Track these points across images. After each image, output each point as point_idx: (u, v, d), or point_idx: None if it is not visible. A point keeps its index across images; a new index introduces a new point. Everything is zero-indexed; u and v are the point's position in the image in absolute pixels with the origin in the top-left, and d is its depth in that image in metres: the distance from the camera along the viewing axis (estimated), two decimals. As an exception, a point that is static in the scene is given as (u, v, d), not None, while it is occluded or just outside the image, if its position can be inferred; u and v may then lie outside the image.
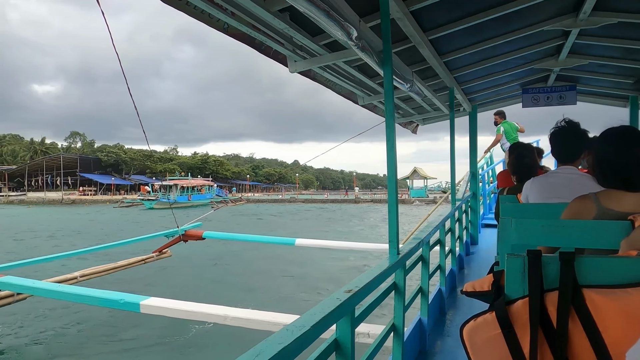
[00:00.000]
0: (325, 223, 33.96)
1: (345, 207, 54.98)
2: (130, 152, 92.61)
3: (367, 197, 70.97)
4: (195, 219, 10.39)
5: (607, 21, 3.78)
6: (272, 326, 4.42)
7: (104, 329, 8.91)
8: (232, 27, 2.81)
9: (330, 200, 69.48)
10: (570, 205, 1.67)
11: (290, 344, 1.24)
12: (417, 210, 43.54)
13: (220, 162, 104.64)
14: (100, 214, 41.43)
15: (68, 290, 5.38)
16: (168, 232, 9.53)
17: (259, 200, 69.62)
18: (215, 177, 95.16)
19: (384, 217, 38.16)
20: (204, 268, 15.30)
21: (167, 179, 66.50)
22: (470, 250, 6.90)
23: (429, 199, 60.46)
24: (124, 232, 24.56)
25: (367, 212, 44.02)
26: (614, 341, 0.99)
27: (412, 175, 69.46)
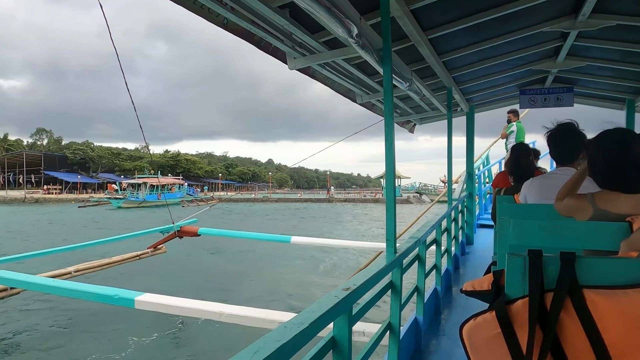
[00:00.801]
0: (297, 223, 32.73)
1: (319, 207, 53.95)
2: (98, 149, 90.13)
3: (341, 197, 70.07)
4: (188, 216, 10.36)
5: (606, 23, 3.79)
6: (268, 323, 4.42)
7: (98, 325, 8.88)
8: (231, 23, 2.80)
9: (304, 199, 68.54)
10: (567, 202, 1.67)
11: (289, 342, 1.23)
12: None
13: (193, 160, 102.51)
14: (61, 214, 38.10)
15: (62, 285, 5.35)
16: (163, 228, 9.50)
17: (231, 199, 67.93)
18: (187, 175, 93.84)
19: (358, 216, 38.22)
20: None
21: (136, 177, 63.92)
22: (465, 250, 6.92)
23: (403, 199, 60.34)
24: (79, 235, 20.96)
25: (341, 213, 43.22)
26: (613, 342, 0.99)
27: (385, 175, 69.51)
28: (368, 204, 59.89)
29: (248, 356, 1.11)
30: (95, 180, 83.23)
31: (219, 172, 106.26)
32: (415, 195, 65.34)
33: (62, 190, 75.65)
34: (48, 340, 8.15)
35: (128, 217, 35.73)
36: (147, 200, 55.08)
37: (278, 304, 10.22)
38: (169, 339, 8.18)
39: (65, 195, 68.99)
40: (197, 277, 13.28)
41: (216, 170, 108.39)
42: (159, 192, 58.49)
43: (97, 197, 62.62)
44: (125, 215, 38.79)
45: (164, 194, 59.07)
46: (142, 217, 35.17)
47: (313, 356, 1.56)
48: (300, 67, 3.65)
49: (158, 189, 59.29)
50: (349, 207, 53.78)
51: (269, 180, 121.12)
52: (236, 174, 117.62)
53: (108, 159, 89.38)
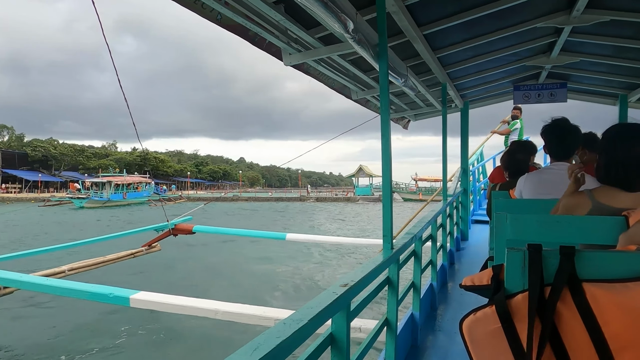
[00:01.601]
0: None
1: (287, 206, 52.80)
2: (60, 147, 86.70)
3: (313, 195, 68.66)
4: (179, 214, 10.32)
5: (600, 19, 3.80)
6: (264, 320, 4.42)
7: (92, 323, 8.84)
8: (225, 18, 2.77)
9: (275, 198, 67.09)
10: (564, 201, 1.68)
11: (288, 338, 1.23)
12: (364, 210, 43.14)
13: (161, 158, 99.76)
14: (13, 214, 33.48)
15: (56, 284, 5.31)
16: (158, 225, 9.46)
17: (200, 198, 65.56)
18: (156, 174, 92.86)
19: (331, 216, 37.45)
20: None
21: (100, 175, 61.67)
22: (460, 245, 6.94)
23: (375, 197, 59.95)
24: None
25: (315, 212, 42.09)
26: (613, 335, 0.99)
27: (357, 173, 68.57)
28: (340, 202, 59.00)
29: (248, 353, 1.10)
30: (57, 178, 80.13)
31: (187, 171, 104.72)
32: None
33: (22, 189, 72.82)
34: (43, 340, 8.10)
35: (87, 220, 33.42)
36: (112, 200, 53.28)
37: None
38: (165, 337, 8.15)
39: (26, 195, 66.69)
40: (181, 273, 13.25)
41: (186, 169, 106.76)
42: (125, 191, 57.06)
43: (59, 196, 59.74)
44: (86, 215, 37.22)
45: (130, 192, 57.79)
46: (111, 218, 34.04)
47: (312, 352, 1.56)
48: (295, 63, 3.63)
49: (124, 187, 57.70)
50: (320, 206, 52.45)
51: (239, 179, 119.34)
52: (207, 173, 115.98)
53: (71, 156, 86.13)
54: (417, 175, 63.77)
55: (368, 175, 67.98)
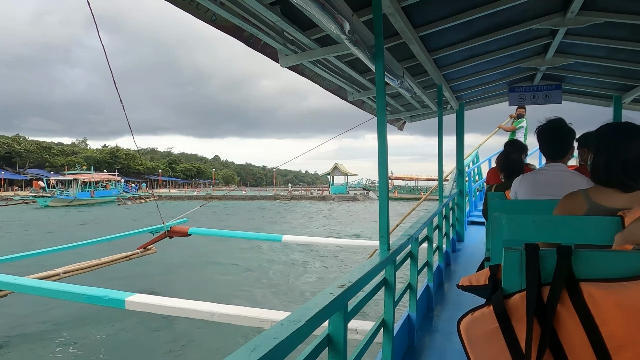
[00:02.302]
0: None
1: (260, 205, 51.93)
2: (25, 143, 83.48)
3: (288, 194, 68.10)
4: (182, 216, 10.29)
5: (594, 20, 3.82)
6: (260, 322, 4.41)
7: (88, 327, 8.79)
8: (220, 19, 2.76)
9: (249, 197, 66.13)
10: (561, 203, 1.68)
11: (285, 339, 1.23)
12: (338, 209, 42.79)
13: (132, 155, 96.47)
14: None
15: (51, 287, 5.28)
16: (153, 228, 9.44)
17: (172, 197, 65.13)
18: (127, 172, 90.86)
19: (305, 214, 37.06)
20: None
21: (66, 173, 59.00)
22: (456, 247, 6.96)
23: (350, 196, 59.66)
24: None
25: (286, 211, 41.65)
26: (611, 335, 0.99)
27: (333, 172, 68.13)
28: (315, 201, 58.48)
29: (246, 354, 1.09)
30: (22, 176, 77.17)
31: (159, 169, 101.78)
32: (362, 192, 64.54)
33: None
34: (37, 343, 8.04)
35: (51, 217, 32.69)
36: (79, 199, 51.47)
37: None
38: (161, 340, 8.12)
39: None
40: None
41: (158, 167, 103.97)
42: (93, 190, 55.38)
43: (23, 194, 58.18)
44: (50, 214, 36.17)
45: (98, 191, 56.08)
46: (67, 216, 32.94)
47: (309, 354, 1.55)
48: (291, 64, 3.63)
49: (91, 186, 55.85)
50: (293, 205, 51.40)
51: (213, 177, 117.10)
52: (180, 171, 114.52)
53: (37, 153, 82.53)
54: (392, 174, 62.96)
55: (343, 174, 67.62)
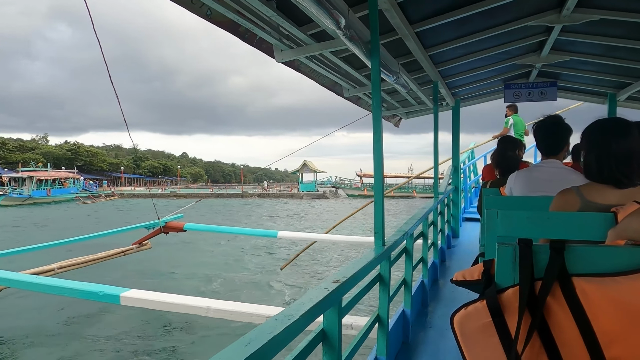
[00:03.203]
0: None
1: (225, 203, 49.69)
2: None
3: (256, 192, 67.37)
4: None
5: (589, 18, 3.83)
6: (255, 318, 4.41)
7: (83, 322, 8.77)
8: (215, 14, 2.74)
9: (215, 194, 62.45)
10: (555, 200, 1.69)
11: (280, 334, 1.23)
12: (308, 207, 42.09)
13: (94, 152, 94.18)
14: None
15: (46, 282, 5.26)
16: (149, 223, 9.40)
17: (135, 194, 63.35)
18: (90, 169, 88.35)
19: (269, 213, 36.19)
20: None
21: (20, 170, 55.73)
22: (451, 243, 6.98)
23: (319, 193, 59.07)
24: None
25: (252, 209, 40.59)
26: (602, 329, 1.00)
27: (301, 169, 67.11)
28: (283, 199, 57.90)
29: (240, 348, 1.10)
30: None
31: (121, 166, 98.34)
32: (331, 190, 63.97)
33: None
34: (31, 339, 8.02)
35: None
36: (34, 197, 48.86)
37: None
38: (156, 335, 8.11)
39: None
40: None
41: (122, 163, 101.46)
42: (49, 188, 52.45)
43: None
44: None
45: (55, 189, 53.68)
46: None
47: (304, 348, 1.56)
48: (287, 59, 3.62)
49: (48, 183, 52.69)
50: (260, 202, 49.92)
51: (177, 175, 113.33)
52: (146, 168, 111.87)
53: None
54: (361, 171, 63.10)
55: (312, 171, 66.76)
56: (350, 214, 9.54)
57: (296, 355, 1.50)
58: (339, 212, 29.95)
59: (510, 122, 8.44)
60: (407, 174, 67.98)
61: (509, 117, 8.48)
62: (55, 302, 9.18)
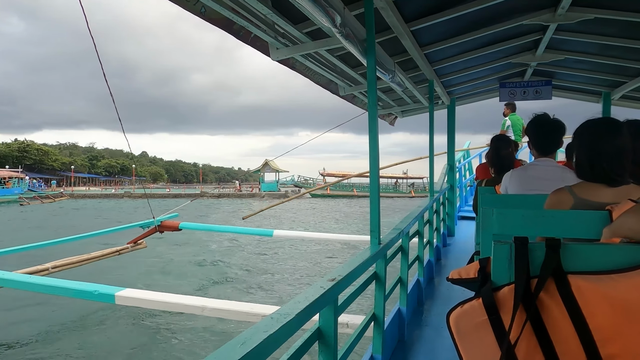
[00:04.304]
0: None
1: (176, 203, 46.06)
2: None
3: (215, 192, 64.87)
4: (168, 212, 10.22)
5: (584, 17, 3.84)
6: (251, 317, 4.41)
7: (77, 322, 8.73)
8: (209, 11, 2.72)
9: (172, 194, 61.20)
10: (548, 199, 1.70)
11: (275, 332, 1.23)
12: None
13: (45, 150, 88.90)
14: None
15: (40, 282, 5.24)
16: (144, 222, 9.38)
17: (86, 195, 60.74)
18: (40, 168, 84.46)
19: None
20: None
21: None
22: (447, 241, 7.00)
23: (280, 193, 58.12)
24: None
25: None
26: (598, 326, 1.00)
27: (263, 168, 65.52)
28: (244, 199, 56.45)
29: (235, 347, 1.09)
30: None
31: (72, 165, 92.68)
32: (294, 189, 62.93)
33: None
34: (25, 339, 7.97)
35: None
36: None
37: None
38: (151, 334, 8.09)
39: None
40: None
41: (76, 162, 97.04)
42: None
43: None
44: None
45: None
46: None
47: (299, 347, 1.56)
48: (282, 57, 3.61)
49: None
50: (217, 203, 47.28)
51: (142, 175, 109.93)
52: (102, 167, 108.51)
53: None
54: (324, 170, 62.15)
55: (274, 171, 65.34)
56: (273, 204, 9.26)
57: (292, 354, 1.50)
58: (303, 212, 29.30)
59: (507, 123, 8.45)
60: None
61: (506, 116, 8.49)
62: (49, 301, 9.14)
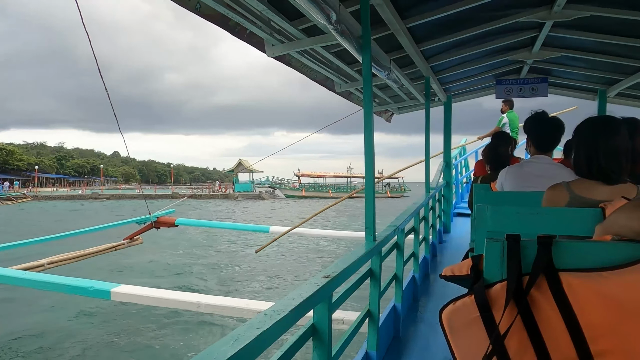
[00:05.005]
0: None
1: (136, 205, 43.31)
2: None
3: (186, 193, 61.09)
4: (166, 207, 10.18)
5: (580, 14, 3.85)
6: (246, 313, 4.41)
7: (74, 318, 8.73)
8: (204, 7, 2.71)
9: (142, 195, 58.83)
10: (545, 195, 1.71)
11: (269, 329, 1.23)
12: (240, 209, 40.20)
13: (10, 150, 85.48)
14: None
15: (35, 278, 5.21)
16: (140, 218, 9.34)
17: (51, 196, 59.33)
18: (4, 169, 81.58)
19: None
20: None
21: None
22: (442, 238, 7.02)
23: (255, 194, 57.16)
24: None
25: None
26: (589, 323, 1.01)
27: (237, 168, 64.59)
28: (218, 200, 55.29)
29: (228, 343, 1.09)
30: None
31: (36, 165, 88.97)
32: (268, 190, 61.92)
33: None
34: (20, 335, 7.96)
35: None
36: None
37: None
38: (146, 330, 8.09)
39: None
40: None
41: (42, 163, 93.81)
42: None
43: None
44: None
45: None
46: None
47: (293, 343, 1.56)
48: (278, 54, 3.61)
49: None
50: (187, 204, 43.93)
51: (101, 174, 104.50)
52: (71, 167, 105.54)
53: None
54: (299, 171, 61.86)
55: (248, 171, 64.09)
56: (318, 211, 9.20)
57: (286, 351, 1.50)
58: (276, 213, 28.74)
59: (504, 121, 8.45)
60: (345, 173, 67.93)
61: (504, 113, 8.48)
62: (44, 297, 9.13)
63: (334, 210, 29.44)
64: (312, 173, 63.31)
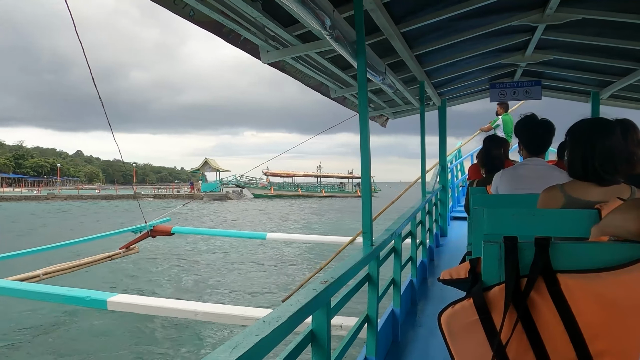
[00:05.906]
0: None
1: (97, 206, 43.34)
2: None
3: (150, 193, 62.73)
4: (162, 216, 10.16)
5: (572, 17, 3.88)
6: (244, 320, 4.40)
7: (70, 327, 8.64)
8: (198, 14, 2.71)
9: (102, 196, 58.74)
10: (540, 197, 1.72)
11: (268, 336, 1.22)
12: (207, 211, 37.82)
13: None
14: None
15: (31, 289, 5.18)
16: (136, 227, 9.31)
17: (2, 197, 56.87)
18: None
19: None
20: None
21: None
22: (440, 242, 7.02)
23: (221, 194, 56.05)
24: None
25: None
26: (587, 324, 1.01)
27: (202, 168, 64.04)
28: (183, 200, 50.04)
29: (227, 351, 1.09)
30: None
31: (2, 164, 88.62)
32: (235, 189, 60.63)
33: None
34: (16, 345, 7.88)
35: None
36: None
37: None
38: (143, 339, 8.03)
39: None
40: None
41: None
42: None
43: None
44: None
45: None
46: None
47: (292, 350, 1.55)
48: (273, 60, 3.61)
49: None
50: (147, 204, 40.56)
51: (58, 174, 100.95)
52: (30, 167, 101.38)
53: None
54: (268, 170, 61.00)
55: (215, 170, 63.43)
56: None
57: (284, 358, 1.49)
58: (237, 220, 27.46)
59: (498, 122, 8.49)
60: (315, 172, 68.48)
61: (499, 115, 8.52)
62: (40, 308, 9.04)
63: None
64: (281, 172, 62.84)
